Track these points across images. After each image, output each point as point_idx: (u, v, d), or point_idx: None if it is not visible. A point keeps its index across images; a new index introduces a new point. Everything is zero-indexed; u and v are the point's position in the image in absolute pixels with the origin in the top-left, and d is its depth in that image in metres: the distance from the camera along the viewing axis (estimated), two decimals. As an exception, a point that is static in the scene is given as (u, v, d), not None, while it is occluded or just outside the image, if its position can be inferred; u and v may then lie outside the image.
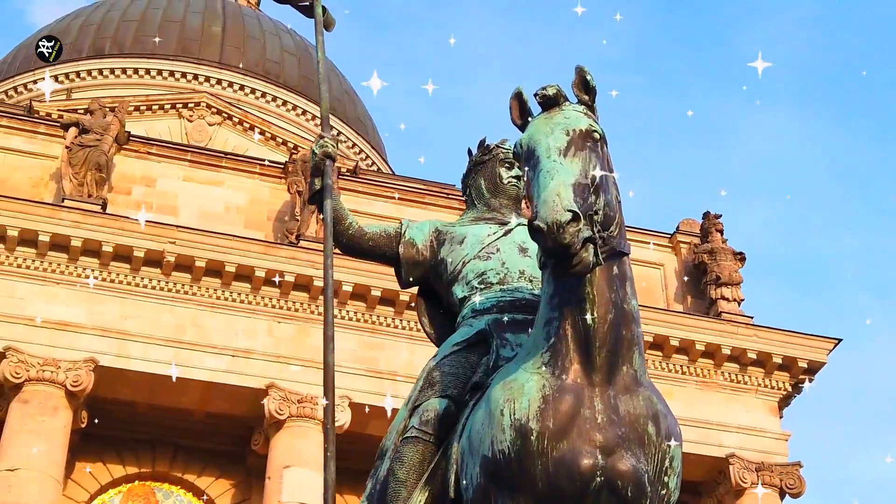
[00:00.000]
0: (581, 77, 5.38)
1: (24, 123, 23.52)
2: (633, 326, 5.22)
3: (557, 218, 4.73)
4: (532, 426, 4.99)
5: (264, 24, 37.13)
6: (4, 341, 19.61)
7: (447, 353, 5.86)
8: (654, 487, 5.06)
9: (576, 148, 5.12)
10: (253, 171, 23.92)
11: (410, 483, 5.50)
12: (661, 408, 5.23)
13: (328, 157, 6.23)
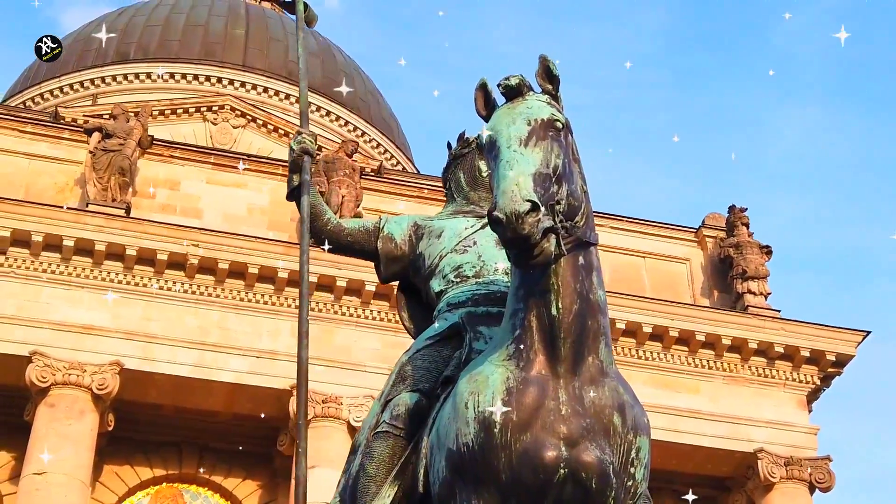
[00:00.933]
0: (544, 66, 5.31)
1: (48, 129, 23.68)
2: (599, 317, 5.18)
3: (516, 208, 4.69)
4: (496, 419, 4.95)
5: (287, 26, 37.16)
6: (30, 346, 19.74)
7: (420, 348, 5.84)
8: (619, 479, 5.01)
9: (537, 138, 5.06)
10: (275, 172, 23.93)
11: (380, 478, 5.47)
12: (628, 398, 5.18)
13: (306, 153, 6.22)
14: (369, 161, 30.90)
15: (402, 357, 5.87)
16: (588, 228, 5.20)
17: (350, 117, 35.74)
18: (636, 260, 25.05)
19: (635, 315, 22.85)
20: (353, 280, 21.39)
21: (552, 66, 5.32)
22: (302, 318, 5.92)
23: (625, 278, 24.39)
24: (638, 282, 24.59)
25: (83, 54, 34.94)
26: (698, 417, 22.52)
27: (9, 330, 20.01)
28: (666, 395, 22.66)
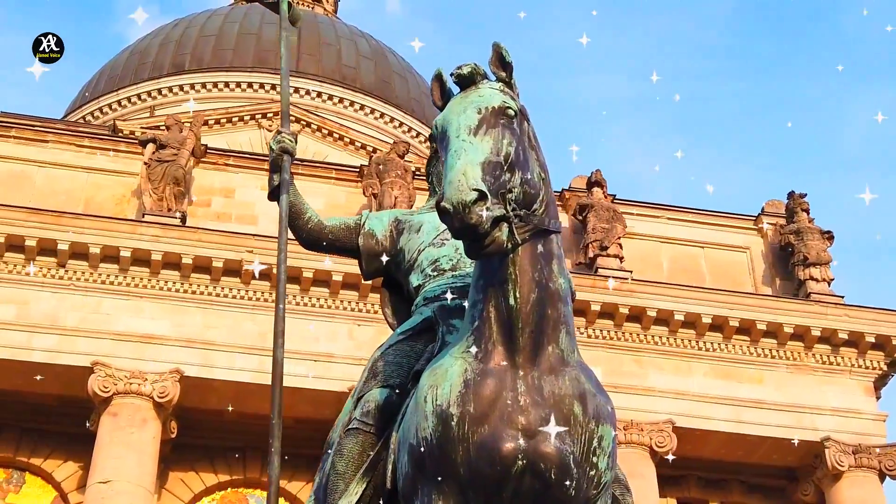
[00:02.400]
0: (497, 53, 5.22)
1: (105, 143, 24.01)
2: (559, 305, 5.08)
3: (463, 198, 4.61)
4: (452, 412, 4.89)
5: (339, 30, 37.40)
6: (92, 356, 20.03)
7: (392, 343, 5.80)
8: (581, 469, 4.91)
9: (487, 126, 4.96)
10: (328, 176, 24.10)
11: (349, 475, 5.42)
12: (590, 387, 5.07)
13: (286, 152, 6.18)
14: (423, 161, 30.93)
15: (375, 353, 5.83)
16: (548, 216, 5.11)
17: (404, 118, 35.81)
18: (694, 250, 24.78)
19: (694, 306, 22.61)
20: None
21: (505, 53, 5.22)
22: (278, 318, 5.91)
23: (683, 269, 24.17)
24: (697, 272, 24.34)
25: (140, 67, 35.42)
26: (762, 407, 22.22)
27: (71, 341, 20.32)
28: (728, 387, 22.40)
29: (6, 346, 20.11)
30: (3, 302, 20.47)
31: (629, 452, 21.08)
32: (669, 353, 22.53)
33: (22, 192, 22.13)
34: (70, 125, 28.53)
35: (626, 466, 20.33)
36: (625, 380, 21.94)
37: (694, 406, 21.93)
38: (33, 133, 23.62)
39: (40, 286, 20.70)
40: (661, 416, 21.61)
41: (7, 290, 20.53)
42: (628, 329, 22.46)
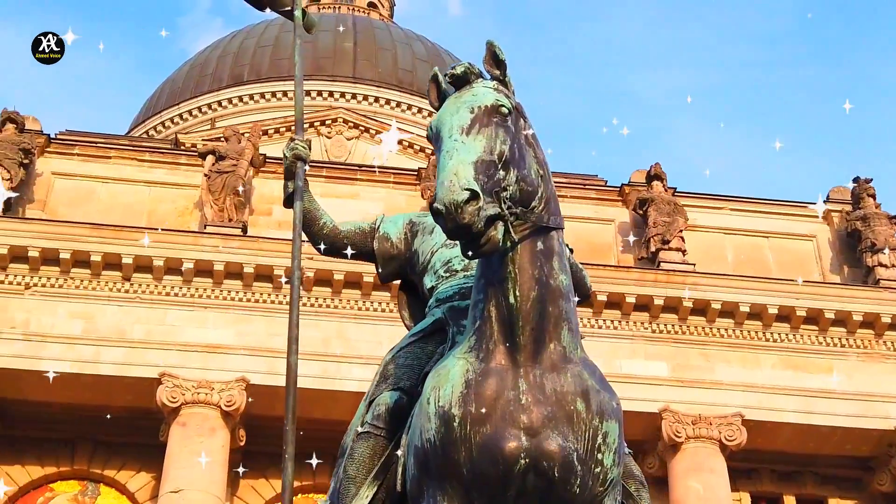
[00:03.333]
0: (491, 52, 5.18)
1: (165, 156, 24.34)
2: (560, 302, 5.04)
3: (454, 198, 4.58)
4: (454, 412, 4.87)
5: (395, 35, 37.53)
6: (159, 367, 20.29)
7: (403, 345, 5.78)
8: (585, 466, 4.87)
9: (480, 125, 4.92)
10: (387, 180, 24.17)
11: (360, 479, 5.41)
12: (594, 383, 5.02)
13: (299, 159, 6.17)
14: (483, 161, 30.91)
15: (387, 356, 5.81)
16: (548, 213, 5.06)
17: (462, 120, 35.78)
18: (759, 241, 24.48)
19: (759, 297, 22.33)
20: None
21: (498, 50, 5.18)
22: (292, 324, 5.91)
23: (749, 260, 23.89)
24: (763, 263, 24.04)
25: (200, 80, 35.82)
26: (833, 397, 21.86)
27: (139, 354, 20.60)
28: (797, 377, 22.08)
29: (75, 360, 20.43)
30: (71, 317, 20.81)
31: (698, 447, 20.90)
32: (736, 345, 22.28)
33: (87, 209, 22.50)
34: (133, 140, 28.93)
35: (696, 461, 20.21)
36: (691, 374, 21.75)
37: (763, 398, 21.65)
38: (95, 150, 24.01)
39: (106, 300, 21.01)
40: (729, 410, 21.37)
41: (74, 306, 20.86)
42: (693, 323, 22.24)
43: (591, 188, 25.75)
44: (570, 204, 24.39)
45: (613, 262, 23.40)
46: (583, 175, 30.19)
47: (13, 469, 21.17)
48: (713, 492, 20.64)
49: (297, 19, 6.65)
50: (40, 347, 20.49)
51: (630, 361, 21.74)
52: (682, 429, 20.98)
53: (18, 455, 21.27)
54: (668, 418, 21.06)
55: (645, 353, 21.92)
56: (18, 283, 20.96)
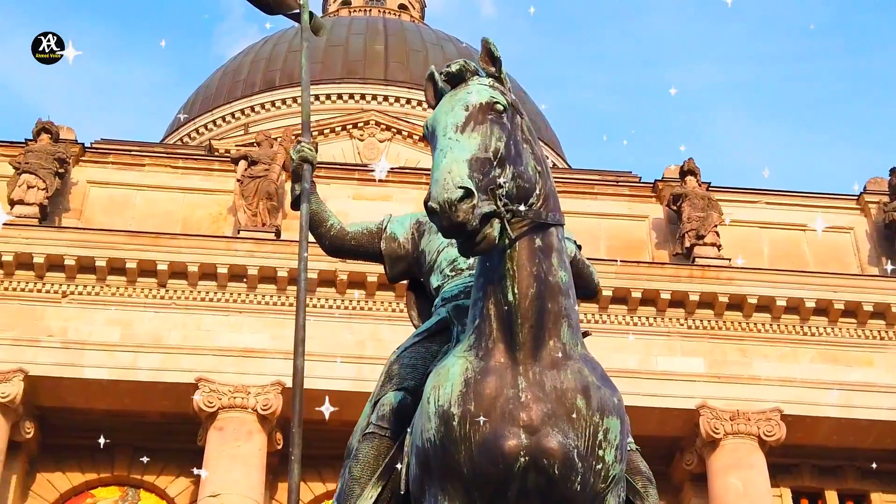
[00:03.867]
0: (486, 48, 5.15)
1: (199, 162, 24.48)
2: (560, 299, 5.01)
3: (448, 196, 4.56)
4: (454, 411, 4.85)
5: (426, 36, 37.53)
6: (195, 372, 20.40)
7: (408, 345, 5.76)
8: (586, 462, 4.83)
9: (475, 122, 4.89)
10: (419, 181, 24.12)
11: (364, 479, 5.39)
12: (594, 380, 4.98)
13: (306, 161, 6.17)
14: (516, 161, 30.85)
15: (392, 356, 5.80)
16: (547, 209, 5.03)
17: (495, 119, 35.74)
18: (796, 234, 24.26)
19: (796, 290, 22.13)
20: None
21: (493, 47, 5.15)
22: (298, 326, 5.90)
23: (786, 254, 23.69)
24: (800, 256, 23.83)
25: (233, 86, 36.00)
26: (873, 390, 21.62)
27: (175, 359, 20.72)
28: (836, 371, 21.86)
29: (113, 366, 20.60)
30: (108, 324, 20.97)
31: (737, 443, 20.74)
32: (774, 339, 22.09)
33: (123, 216, 22.67)
34: (167, 148, 29.07)
35: (735, 457, 20.02)
36: (729, 369, 21.59)
37: (802, 392, 21.45)
38: (130, 158, 24.18)
39: (143, 307, 21.16)
40: (767, 405, 21.18)
41: (111, 313, 21.02)
42: (730, 318, 22.08)
43: (624, 185, 25.63)
44: (603, 201, 24.34)
45: (648, 258, 23.28)
46: (616, 172, 30.04)
47: (54, 476, 21.39)
48: (753, 488, 20.48)
49: (305, 22, 6.65)
50: (79, 355, 20.67)
51: (666, 358, 21.62)
52: (720, 425, 20.83)
53: (59, 463, 21.48)
54: (706, 414, 20.92)
55: (681, 350, 21.79)
56: (55, 292, 21.16)
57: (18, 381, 20.14)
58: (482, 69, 5.17)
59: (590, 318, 21.64)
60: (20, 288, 21.13)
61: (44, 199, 22.05)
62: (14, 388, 20.08)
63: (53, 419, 21.15)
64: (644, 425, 21.32)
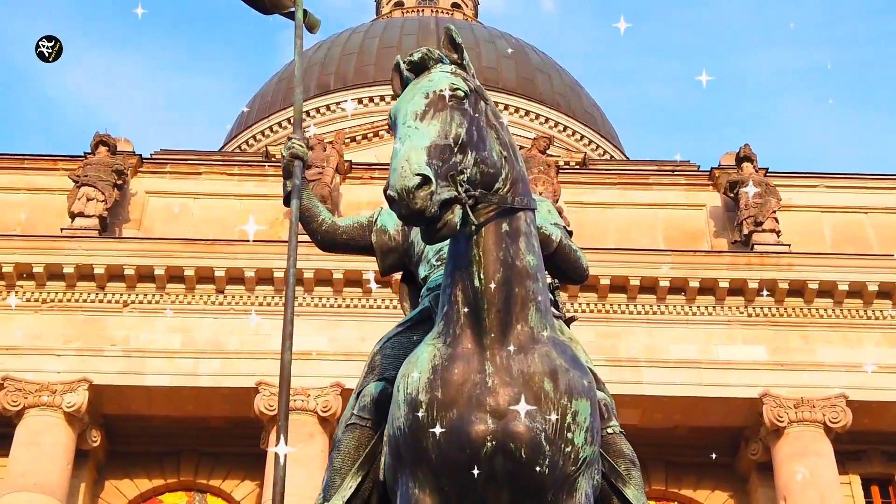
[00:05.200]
0: (448, 36, 5.16)
1: (254, 169, 24.68)
2: (527, 283, 5.00)
3: (406, 184, 4.56)
4: (421, 398, 4.87)
5: (478, 33, 37.49)
6: (255, 377, 20.57)
7: (391, 336, 5.78)
8: (554, 445, 4.82)
9: (435, 109, 4.89)
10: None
11: (345, 470, 5.41)
12: (563, 362, 4.96)
13: (296, 157, 6.18)
14: (572, 154, 30.72)
15: (375, 346, 5.81)
16: (514, 194, 5.02)
17: (549, 113, 35.67)
18: (858, 217, 23.87)
19: (858, 274, 21.77)
20: (557, 275, 21.33)
21: (455, 34, 5.16)
22: (286, 321, 5.90)
23: (849, 238, 23.32)
24: (863, 240, 23.44)
25: (288, 92, 36.19)
26: (942, 373, 21.19)
27: (235, 364, 20.93)
28: (903, 354, 21.46)
29: (175, 373, 20.85)
30: (168, 331, 21.24)
31: (802, 430, 20.46)
32: (836, 325, 21.75)
33: (181, 225, 22.93)
34: (224, 155, 29.38)
35: (800, 445, 19.68)
36: (791, 356, 21.31)
37: (867, 378, 21.05)
38: (186, 167, 24.46)
39: (202, 313, 21.40)
40: (832, 391, 20.86)
41: (172, 320, 21.27)
42: (791, 304, 21.77)
43: (680, 174, 25.42)
44: (659, 191, 24.16)
45: (707, 247, 23.05)
46: (673, 161, 29.78)
47: (122, 483, 21.70)
48: (820, 476, 20.17)
49: (299, 20, 6.68)
50: (141, 363, 20.96)
51: (727, 347, 21.38)
52: (783, 413, 20.55)
53: (127, 470, 21.80)
54: (769, 403, 20.65)
55: (742, 338, 21.53)
56: (116, 301, 21.47)
57: (83, 391, 20.48)
58: (445, 56, 5.16)
59: (647, 310, 21.53)
60: (82, 299, 21.47)
61: (103, 210, 22.38)
62: (79, 397, 20.42)
63: (119, 427, 21.46)
64: (707, 416, 21.22)
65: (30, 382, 20.47)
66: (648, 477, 21.97)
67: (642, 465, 19.68)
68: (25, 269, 21.40)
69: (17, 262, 21.36)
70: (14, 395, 20.41)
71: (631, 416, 21.21)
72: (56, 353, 20.89)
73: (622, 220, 23.46)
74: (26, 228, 22.52)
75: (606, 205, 23.76)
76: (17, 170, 23.70)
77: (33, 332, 21.09)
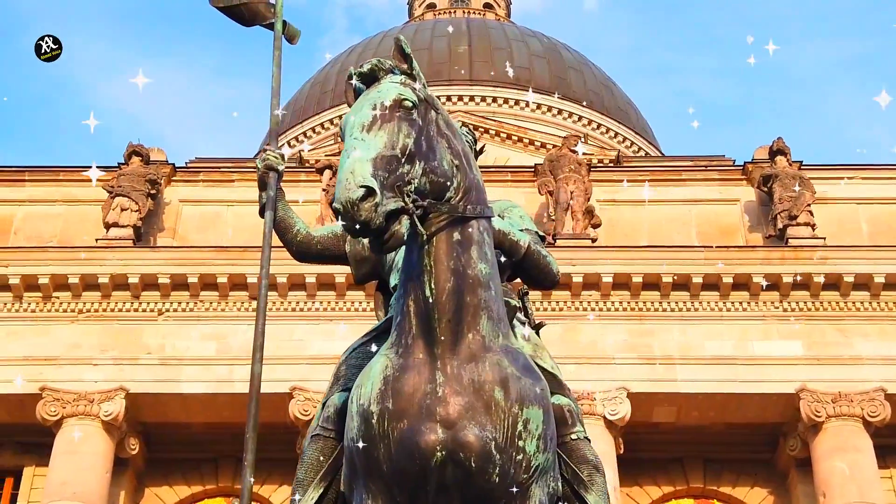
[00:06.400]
0: (398, 46, 5.20)
1: (286, 174, 24.70)
2: (479, 291, 5.00)
3: (350, 196, 4.57)
4: (373, 409, 4.89)
5: (510, 33, 37.49)
6: (290, 382, 20.66)
7: (356, 346, 5.81)
8: (505, 454, 4.83)
9: (382, 121, 4.91)
10: (504, 179, 24.13)
11: (307, 481, 5.43)
12: (514, 371, 4.96)
13: (271, 169, 6.21)
14: (605, 151, 30.61)
15: (342, 356, 5.84)
16: (467, 202, 5.03)
17: (583, 111, 35.58)
18: (895, 208, 23.55)
19: (894, 266, 21.48)
20: (589, 275, 21.30)
21: (404, 45, 5.20)
22: (257, 333, 5.92)
23: (885, 229, 23.08)
24: (902, 230, 23.14)
25: (321, 97, 36.40)
26: (982, 365, 20.88)
27: (269, 370, 20.72)
28: (941, 348, 21.16)
29: (211, 380, 21.00)
30: (203, 339, 21.39)
31: (840, 426, 20.25)
32: (874, 318, 21.50)
33: (215, 233, 23.10)
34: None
35: (839, 440, 19.44)
36: (828, 350, 21.09)
37: (906, 370, 20.82)
38: (220, 175, 24.61)
39: (236, 320, 21.52)
40: (870, 385, 20.63)
41: (206, 327, 21.44)
42: (826, 298, 21.55)
43: (713, 169, 25.25)
44: (693, 187, 24.01)
45: (741, 242, 22.87)
46: (708, 156, 29.61)
47: (161, 490, 21.89)
48: (860, 471, 19.95)
49: (278, 31, 6.74)
50: (177, 371, 21.13)
51: (762, 343, 21.20)
52: (821, 408, 20.34)
53: (165, 476, 21.98)
54: (807, 398, 20.46)
55: (778, 333, 21.34)
56: (151, 310, 21.65)
57: (120, 399, 20.67)
58: (395, 67, 5.17)
59: (681, 307, 21.38)
60: (118, 308, 21.68)
61: (137, 220, 22.57)
62: (116, 406, 20.61)
63: (157, 434, 21.64)
64: (744, 412, 21.07)
65: (68, 392, 20.70)
66: (687, 475, 21.85)
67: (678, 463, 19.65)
68: (61, 280, 21.63)
69: (53, 273, 21.60)
70: (52, 405, 20.65)
71: (667, 414, 21.17)
72: (93, 362, 21.11)
73: (655, 217, 23.33)
74: (63, 240, 22.78)
75: (639, 202, 23.63)
76: (54, 182, 23.97)
77: (70, 342, 21.32)
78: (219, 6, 6.68)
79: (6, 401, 21.08)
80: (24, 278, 21.61)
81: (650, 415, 20.84)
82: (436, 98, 5.28)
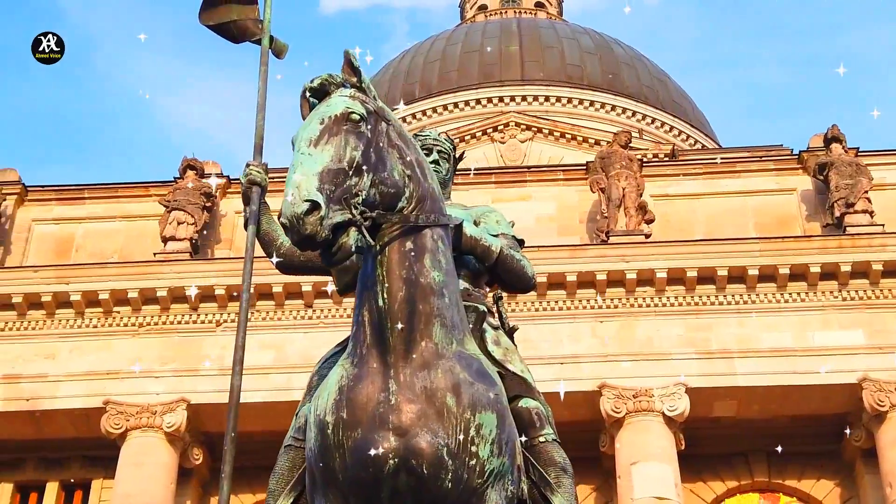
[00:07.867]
0: (347, 60, 5.23)
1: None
2: (431, 299, 5.04)
3: (295, 210, 4.63)
4: (328, 419, 4.96)
5: (560, 31, 37.40)
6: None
7: (328, 356, 5.85)
8: (458, 460, 4.86)
9: (329, 134, 4.95)
10: (556, 178, 24.06)
11: (278, 492, 5.50)
12: (467, 376, 4.98)
13: (254, 183, 6.23)
14: (661, 146, 30.43)
15: (315, 367, 5.88)
16: (420, 212, 5.08)
17: (636, 107, 35.38)
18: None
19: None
20: (643, 271, 21.18)
21: (353, 58, 5.23)
22: (237, 346, 5.95)
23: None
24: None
25: (378, 101, 36.64)
26: None
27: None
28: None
29: (269, 389, 21.16)
30: (261, 348, 21.56)
31: (905, 417, 19.91)
32: (938, 304, 21.11)
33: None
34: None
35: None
36: (890, 339, 20.75)
37: (976, 357, 20.41)
38: (273, 185, 24.36)
39: (292, 329, 21.72)
40: (935, 372, 20.25)
41: (263, 336, 21.62)
42: (886, 285, 21.21)
43: (768, 159, 24.98)
44: (749, 178, 23.78)
45: (799, 232, 22.59)
46: (765, 147, 29.35)
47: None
48: (929, 462, 19.59)
49: (264, 47, 6.80)
50: (236, 380, 21.27)
51: (823, 333, 20.92)
52: (885, 397, 20.02)
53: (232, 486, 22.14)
54: (869, 387, 20.15)
55: (838, 323, 21.04)
56: (209, 321, 21.92)
57: (182, 411, 20.96)
58: (346, 80, 5.23)
59: (738, 300, 21.17)
60: (177, 321, 21.98)
61: (194, 233, 22.85)
62: (178, 417, 20.90)
63: (219, 444, 21.79)
64: (806, 404, 20.80)
65: (131, 405, 21.04)
66: (751, 469, 21.63)
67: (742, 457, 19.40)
68: (121, 295, 21.99)
69: (113, 289, 21.96)
70: (116, 418, 20.99)
71: (727, 408, 20.98)
72: (154, 374, 21.43)
73: (711, 210, 23.13)
74: (123, 255, 23.15)
75: (694, 195, 23.46)
76: (112, 198, 24.36)
77: (131, 356, 21.64)
78: (209, 24, 6.79)
79: (72, 415, 21.48)
80: (85, 294, 22.00)
81: (710, 409, 20.67)
82: (388, 109, 5.34)
